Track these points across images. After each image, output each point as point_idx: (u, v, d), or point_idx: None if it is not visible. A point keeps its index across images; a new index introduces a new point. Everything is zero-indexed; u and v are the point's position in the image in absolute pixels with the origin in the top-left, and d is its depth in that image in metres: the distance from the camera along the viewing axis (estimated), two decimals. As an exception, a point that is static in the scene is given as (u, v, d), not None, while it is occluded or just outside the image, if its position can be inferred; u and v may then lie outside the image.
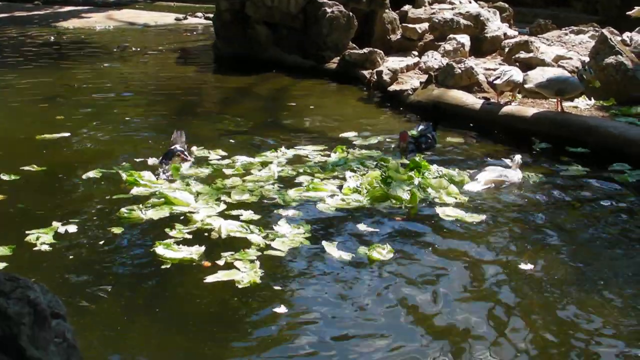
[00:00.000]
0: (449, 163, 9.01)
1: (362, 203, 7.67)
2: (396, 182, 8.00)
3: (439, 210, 7.51)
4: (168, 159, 8.40)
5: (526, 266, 6.38)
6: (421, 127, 9.78)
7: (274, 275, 6.17)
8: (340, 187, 8.07)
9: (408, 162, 8.68)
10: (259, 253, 6.50)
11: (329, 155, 9.20)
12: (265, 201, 7.72)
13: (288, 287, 6.02)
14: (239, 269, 6.17)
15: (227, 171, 8.59)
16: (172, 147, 8.52)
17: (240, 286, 5.91)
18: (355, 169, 8.66)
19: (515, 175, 8.39)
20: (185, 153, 8.55)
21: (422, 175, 8.30)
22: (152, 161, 8.71)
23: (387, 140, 9.96)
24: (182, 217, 7.21)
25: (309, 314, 5.61)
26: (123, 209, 7.30)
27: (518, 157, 8.62)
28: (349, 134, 10.21)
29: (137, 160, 8.90)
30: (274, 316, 5.54)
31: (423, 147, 9.45)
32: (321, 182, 8.18)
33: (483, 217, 7.37)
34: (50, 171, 8.66)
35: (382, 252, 6.52)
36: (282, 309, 5.61)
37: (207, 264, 6.33)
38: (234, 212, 7.33)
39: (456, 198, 7.85)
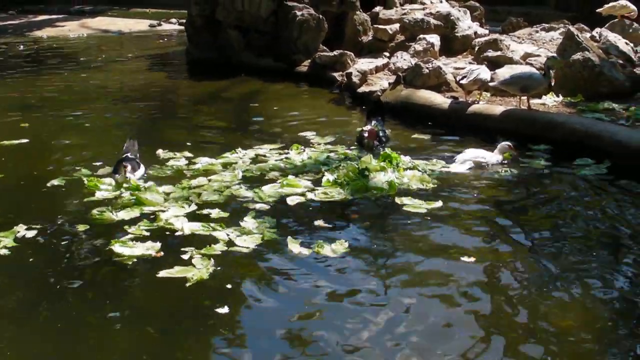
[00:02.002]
0: (418, 157, 9.13)
1: (344, 195, 7.82)
2: (373, 174, 8.19)
3: (404, 200, 7.69)
4: (121, 167, 8.30)
5: (469, 259, 6.43)
6: (374, 122, 9.77)
7: (229, 272, 6.18)
8: (314, 183, 8.20)
9: (371, 156, 8.75)
10: (225, 248, 6.56)
11: (289, 155, 9.26)
12: (237, 199, 7.78)
13: (239, 285, 6.01)
14: (194, 266, 6.21)
15: (192, 172, 8.64)
16: (124, 156, 8.43)
17: (188, 284, 5.93)
18: (329, 163, 8.82)
19: (493, 157, 8.80)
20: (137, 161, 8.47)
21: (395, 166, 8.51)
22: (104, 171, 8.64)
23: (345, 138, 10.01)
24: (152, 217, 7.26)
25: (250, 314, 5.64)
26: (94, 211, 7.33)
27: (504, 144, 8.93)
28: (311, 134, 10.24)
29: (97, 164, 8.90)
30: (216, 316, 5.53)
31: (384, 142, 9.49)
32: (295, 178, 8.28)
33: (439, 203, 7.60)
34: (12, 178, 8.63)
35: (338, 248, 6.58)
36: (224, 310, 5.59)
37: (158, 254, 6.44)
38: (205, 211, 7.40)
39: (428, 185, 8.14)
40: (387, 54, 14.33)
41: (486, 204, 7.80)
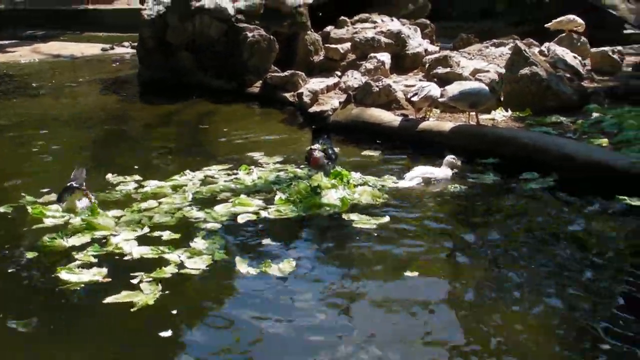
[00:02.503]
0: (369, 174, 9.18)
1: (297, 212, 7.89)
2: (325, 191, 8.27)
3: (353, 216, 7.78)
4: (66, 195, 8.20)
5: (411, 274, 6.47)
6: (321, 141, 9.78)
7: (176, 296, 6.15)
8: (267, 201, 8.24)
9: (321, 174, 8.82)
10: (175, 270, 6.55)
11: (238, 175, 9.28)
12: (188, 220, 7.78)
13: (184, 309, 5.97)
14: (142, 290, 6.18)
15: (141, 196, 8.60)
16: (69, 184, 8.32)
17: (133, 309, 5.89)
18: (279, 182, 8.88)
19: (442, 172, 8.92)
20: (83, 189, 8.36)
21: (346, 183, 8.60)
22: (49, 198, 8.54)
23: (295, 157, 10.03)
24: (103, 241, 7.22)
25: (193, 339, 5.60)
26: (45, 237, 7.23)
27: (449, 157, 9.02)
28: (259, 154, 10.24)
29: (44, 191, 8.79)
30: (159, 341, 5.49)
31: (333, 159, 9.51)
32: (247, 197, 8.32)
33: (387, 219, 7.69)
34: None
35: (286, 267, 6.61)
36: (168, 333, 5.55)
37: (105, 279, 6.40)
38: (156, 234, 7.38)
39: (379, 201, 8.25)
40: (338, 73, 14.37)
41: (434, 218, 7.86)
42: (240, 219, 7.78)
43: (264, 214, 7.89)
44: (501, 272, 6.58)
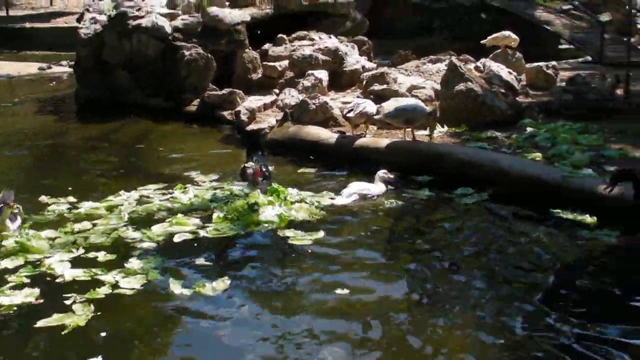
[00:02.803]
0: (306, 190, 9.20)
1: (236, 230, 7.90)
2: (263, 208, 8.30)
3: (290, 233, 7.84)
4: None
5: (342, 291, 6.50)
6: (255, 158, 9.77)
7: (108, 317, 6.10)
8: (204, 220, 8.22)
9: (258, 191, 8.82)
10: (109, 291, 6.51)
11: (174, 195, 9.22)
12: (124, 241, 7.72)
13: (115, 331, 5.91)
14: (74, 312, 6.12)
15: (74, 217, 8.50)
16: None
17: (64, 332, 5.82)
18: (216, 200, 8.86)
19: (377, 188, 8.99)
20: (14, 205, 8.20)
21: (283, 200, 8.60)
22: None
23: (230, 175, 10.00)
24: (37, 263, 7.13)
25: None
26: (-23, 261, 7.13)
27: (381, 172, 9.11)
28: (195, 173, 10.19)
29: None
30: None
31: (267, 176, 9.56)
32: (184, 216, 8.28)
33: (322, 234, 7.78)
34: None
35: (220, 285, 6.60)
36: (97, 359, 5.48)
37: (38, 301, 6.33)
38: (91, 255, 7.31)
39: (315, 217, 8.31)
40: (276, 90, 14.37)
41: (369, 234, 7.93)
42: (177, 238, 7.74)
43: (202, 232, 7.87)
44: (435, 286, 6.63)
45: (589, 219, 8.12)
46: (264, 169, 9.48)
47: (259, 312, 6.19)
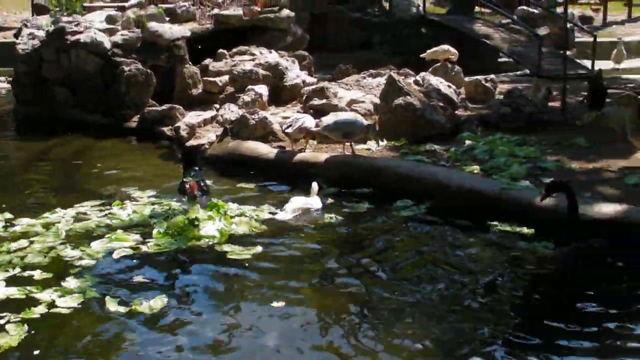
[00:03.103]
0: (246, 205, 9.25)
1: (177, 245, 7.92)
2: (203, 223, 8.30)
3: (228, 247, 7.88)
4: None
5: (277, 304, 6.53)
6: (192, 173, 9.74)
7: (42, 337, 6.03)
8: (145, 235, 8.20)
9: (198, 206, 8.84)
10: (45, 310, 6.44)
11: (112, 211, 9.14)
12: (62, 259, 7.63)
13: (48, 352, 5.84)
14: (8, 332, 6.04)
15: (10, 235, 8.39)
16: None
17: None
18: (156, 216, 8.85)
19: (318, 202, 9.03)
20: None
21: (223, 214, 8.60)
22: None
23: (169, 190, 9.93)
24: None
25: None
26: None
27: (314, 185, 9.15)
28: (133, 189, 10.11)
29: None
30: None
31: (205, 191, 9.53)
32: (123, 232, 8.26)
33: (260, 249, 7.83)
34: None
35: (157, 303, 6.56)
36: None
37: None
38: (27, 274, 7.23)
39: (255, 231, 8.38)
40: (217, 105, 14.30)
41: (308, 248, 7.98)
42: (117, 255, 7.70)
43: (143, 248, 7.85)
44: (372, 299, 6.67)
45: (526, 230, 8.22)
46: (202, 184, 9.45)
47: (194, 330, 6.15)
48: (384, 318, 6.28)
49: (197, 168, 9.86)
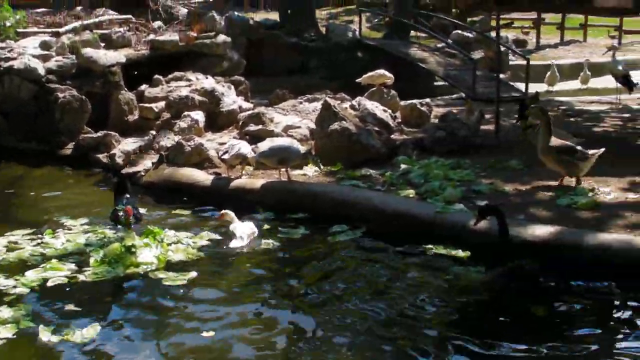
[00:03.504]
0: (182, 232, 9.26)
1: (115, 272, 7.90)
2: (140, 250, 8.31)
3: (162, 274, 7.89)
4: None
5: (208, 334, 6.53)
6: (125, 201, 9.70)
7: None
8: (81, 264, 8.16)
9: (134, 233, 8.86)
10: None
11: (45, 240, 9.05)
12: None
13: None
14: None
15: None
16: None
17: None
18: (91, 244, 8.81)
19: (252, 228, 9.11)
20: None
21: (160, 241, 8.62)
22: None
23: (103, 218, 9.88)
24: None
25: None
26: None
27: (225, 212, 9.25)
28: (65, 217, 9.99)
29: None
30: None
31: (138, 218, 9.56)
32: (59, 261, 8.19)
33: (194, 274, 7.87)
34: None
35: (90, 332, 6.54)
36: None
37: None
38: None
39: (192, 258, 8.41)
40: (153, 132, 14.22)
41: (244, 274, 8.03)
42: (52, 284, 7.63)
43: (80, 277, 7.81)
44: (307, 326, 6.69)
45: (461, 253, 8.30)
46: (134, 211, 9.43)
47: (124, 358, 6.14)
48: (318, 344, 6.31)
49: (128, 196, 9.82)
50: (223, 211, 9.31)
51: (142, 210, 9.92)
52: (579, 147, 9.84)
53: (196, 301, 7.25)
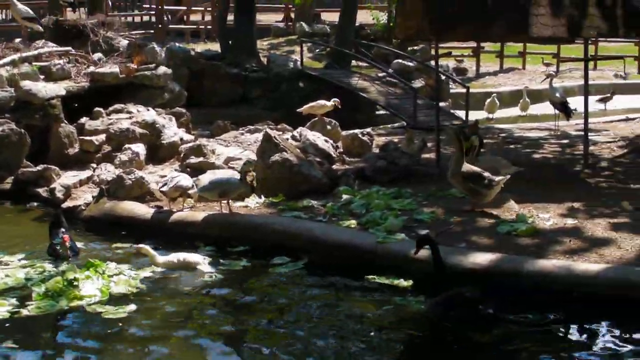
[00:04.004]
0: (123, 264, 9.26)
1: (59, 306, 7.90)
2: (82, 283, 8.30)
3: (100, 308, 7.89)
4: None
5: None
6: (60, 234, 9.66)
7: None
8: (21, 299, 8.12)
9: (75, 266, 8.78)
10: None
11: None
12: None
13: None
14: None
15: None
16: None
17: None
18: (31, 278, 8.75)
19: (195, 257, 9.21)
20: None
21: (101, 273, 8.62)
22: None
23: (41, 252, 9.78)
24: None
25: None
26: None
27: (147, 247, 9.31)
28: (2, 253, 9.81)
29: None
30: None
31: (76, 251, 9.59)
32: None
33: (135, 307, 7.88)
34: None
35: None
36: None
37: None
38: None
39: (133, 290, 8.44)
40: (94, 165, 14.09)
41: (185, 306, 8.03)
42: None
43: (23, 312, 7.77)
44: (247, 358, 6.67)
45: (404, 283, 8.36)
46: (71, 243, 9.47)
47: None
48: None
49: (63, 230, 9.74)
50: (139, 245, 9.39)
51: (79, 245, 9.88)
52: (486, 174, 10.06)
53: (135, 334, 7.25)
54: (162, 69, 17.80)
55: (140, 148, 13.68)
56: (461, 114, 19.14)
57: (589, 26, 12.36)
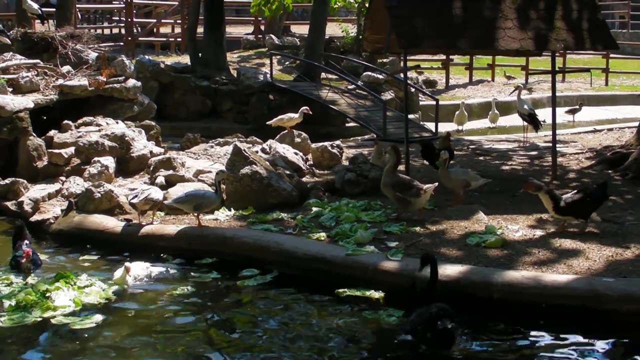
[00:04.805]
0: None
1: (32, 317, 7.94)
2: (55, 293, 8.37)
3: (65, 320, 7.94)
4: None
5: None
6: (24, 246, 9.64)
7: None
8: None
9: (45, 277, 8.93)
10: None
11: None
12: None
13: None
14: None
15: None
16: None
17: None
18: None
19: (158, 268, 9.40)
20: None
21: (73, 285, 8.66)
22: None
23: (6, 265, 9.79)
24: None
25: None
26: None
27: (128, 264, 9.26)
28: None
29: None
30: None
31: (38, 264, 9.61)
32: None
33: (100, 317, 7.97)
34: None
35: None
36: None
37: None
38: None
39: (102, 301, 8.49)
40: (63, 178, 14.01)
41: (154, 318, 8.07)
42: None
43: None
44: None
45: (375, 294, 8.40)
46: (33, 256, 9.49)
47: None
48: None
49: (27, 242, 9.73)
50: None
51: (46, 258, 9.92)
52: (415, 183, 10.48)
53: (105, 346, 7.26)
54: (132, 82, 17.72)
55: (109, 161, 13.62)
56: (431, 126, 19.18)
57: (556, 39, 12.52)
